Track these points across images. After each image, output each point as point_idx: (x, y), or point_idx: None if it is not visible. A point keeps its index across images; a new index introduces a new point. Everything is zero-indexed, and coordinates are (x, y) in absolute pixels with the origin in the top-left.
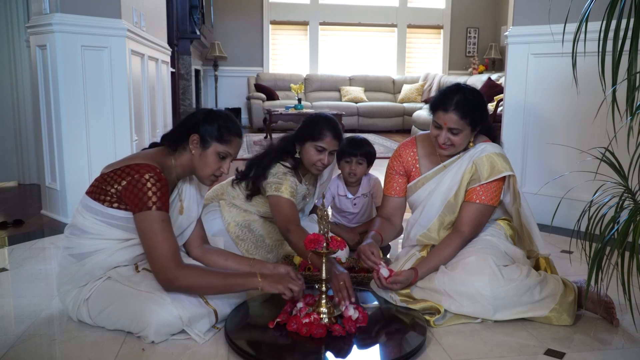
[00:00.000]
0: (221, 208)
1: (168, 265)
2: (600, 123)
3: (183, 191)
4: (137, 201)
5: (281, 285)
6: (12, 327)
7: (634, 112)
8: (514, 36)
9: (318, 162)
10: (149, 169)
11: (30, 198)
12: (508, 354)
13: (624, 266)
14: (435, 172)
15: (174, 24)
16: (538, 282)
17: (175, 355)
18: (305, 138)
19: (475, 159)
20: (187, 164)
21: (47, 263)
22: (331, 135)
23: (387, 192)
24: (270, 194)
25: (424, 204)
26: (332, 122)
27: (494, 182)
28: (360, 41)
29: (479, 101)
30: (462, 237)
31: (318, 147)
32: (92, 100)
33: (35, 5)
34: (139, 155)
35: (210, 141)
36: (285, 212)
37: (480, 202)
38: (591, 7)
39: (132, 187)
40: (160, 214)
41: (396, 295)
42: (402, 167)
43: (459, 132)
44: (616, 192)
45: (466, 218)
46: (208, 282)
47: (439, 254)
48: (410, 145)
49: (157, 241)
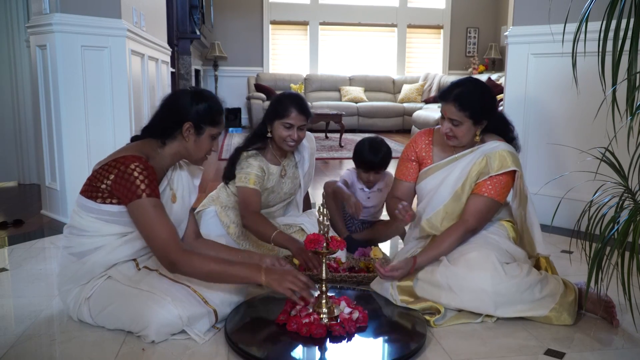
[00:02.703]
0: (218, 212)
1: (169, 249)
2: (600, 123)
3: (174, 180)
4: (126, 192)
5: (281, 287)
6: (12, 327)
7: (634, 112)
8: (514, 36)
9: (288, 138)
10: (134, 159)
11: (30, 198)
12: (508, 354)
13: (624, 266)
14: (446, 162)
15: (174, 24)
16: (539, 280)
17: (175, 355)
18: (273, 117)
19: (487, 153)
20: (179, 151)
21: (47, 263)
22: (296, 111)
23: (399, 176)
24: (238, 184)
25: (433, 192)
26: (296, 98)
27: (504, 177)
28: (360, 41)
29: (482, 96)
30: (465, 227)
31: (285, 124)
32: (92, 100)
33: (35, 5)
34: (123, 148)
35: (204, 127)
36: (245, 199)
37: (488, 196)
38: (591, 7)
39: (120, 179)
40: (152, 200)
41: (397, 295)
42: (415, 153)
43: (459, 124)
44: (616, 192)
45: (472, 209)
46: (211, 268)
47: (440, 243)
48: (427, 134)
49: (154, 227)
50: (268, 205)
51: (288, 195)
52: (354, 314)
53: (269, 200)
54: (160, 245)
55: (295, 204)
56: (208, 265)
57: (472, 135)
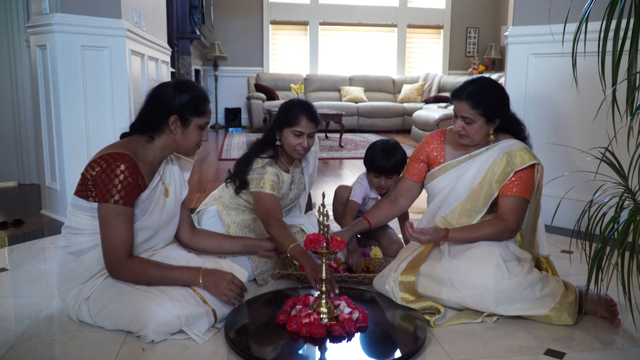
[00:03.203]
0: (220, 212)
1: (113, 256)
2: (600, 123)
3: (166, 174)
4: (101, 190)
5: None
6: (12, 327)
7: (634, 112)
8: (514, 36)
9: (298, 147)
10: (120, 157)
11: (30, 198)
12: (508, 354)
13: (624, 266)
14: (459, 161)
15: (174, 24)
16: (539, 279)
17: (175, 355)
18: (283, 125)
19: (506, 151)
20: (169, 144)
21: (47, 263)
22: (307, 119)
23: (405, 174)
24: (253, 190)
25: (449, 190)
26: (306, 105)
27: (527, 172)
28: (360, 41)
29: (495, 94)
30: (505, 224)
31: (296, 132)
32: (92, 100)
33: (35, 5)
34: (111, 145)
35: (190, 118)
36: (266, 206)
37: (519, 195)
38: (591, 7)
39: (101, 175)
40: (117, 208)
41: (397, 292)
42: (425, 154)
43: (472, 122)
44: (616, 192)
45: (509, 208)
46: (149, 274)
47: (477, 229)
48: (440, 134)
49: (109, 232)
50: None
51: (293, 201)
52: (354, 314)
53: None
54: (108, 250)
55: (298, 206)
56: (146, 271)
57: (484, 134)
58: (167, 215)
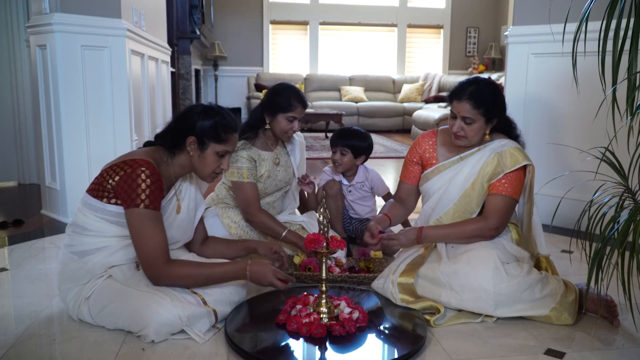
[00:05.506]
0: (219, 213)
1: (153, 263)
2: (600, 123)
3: (182, 191)
4: (127, 196)
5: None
6: (12, 327)
7: (634, 112)
8: (514, 36)
9: (290, 131)
10: (143, 163)
11: (30, 198)
12: (508, 354)
13: (624, 266)
14: (451, 162)
15: (174, 24)
16: (539, 280)
17: (175, 355)
18: (276, 110)
19: (497, 151)
20: (186, 164)
21: (47, 263)
22: (300, 105)
23: (401, 178)
24: (233, 180)
25: (442, 192)
26: (297, 91)
27: (517, 173)
28: (360, 41)
29: (495, 94)
30: (485, 222)
31: (289, 118)
32: (92, 100)
33: (35, 5)
34: (136, 151)
35: (207, 142)
36: (245, 195)
37: (506, 194)
38: (591, 7)
39: (125, 182)
40: (148, 212)
41: (397, 293)
42: (418, 155)
43: (472, 122)
44: (616, 192)
45: (492, 208)
46: (192, 276)
47: (454, 225)
48: (431, 136)
49: (144, 238)
50: (265, 194)
51: (283, 184)
52: (354, 314)
53: (265, 187)
54: (146, 257)
55: (291, 194)
56: (191, 274)
57: (482, 135)
58: (177, 232)
